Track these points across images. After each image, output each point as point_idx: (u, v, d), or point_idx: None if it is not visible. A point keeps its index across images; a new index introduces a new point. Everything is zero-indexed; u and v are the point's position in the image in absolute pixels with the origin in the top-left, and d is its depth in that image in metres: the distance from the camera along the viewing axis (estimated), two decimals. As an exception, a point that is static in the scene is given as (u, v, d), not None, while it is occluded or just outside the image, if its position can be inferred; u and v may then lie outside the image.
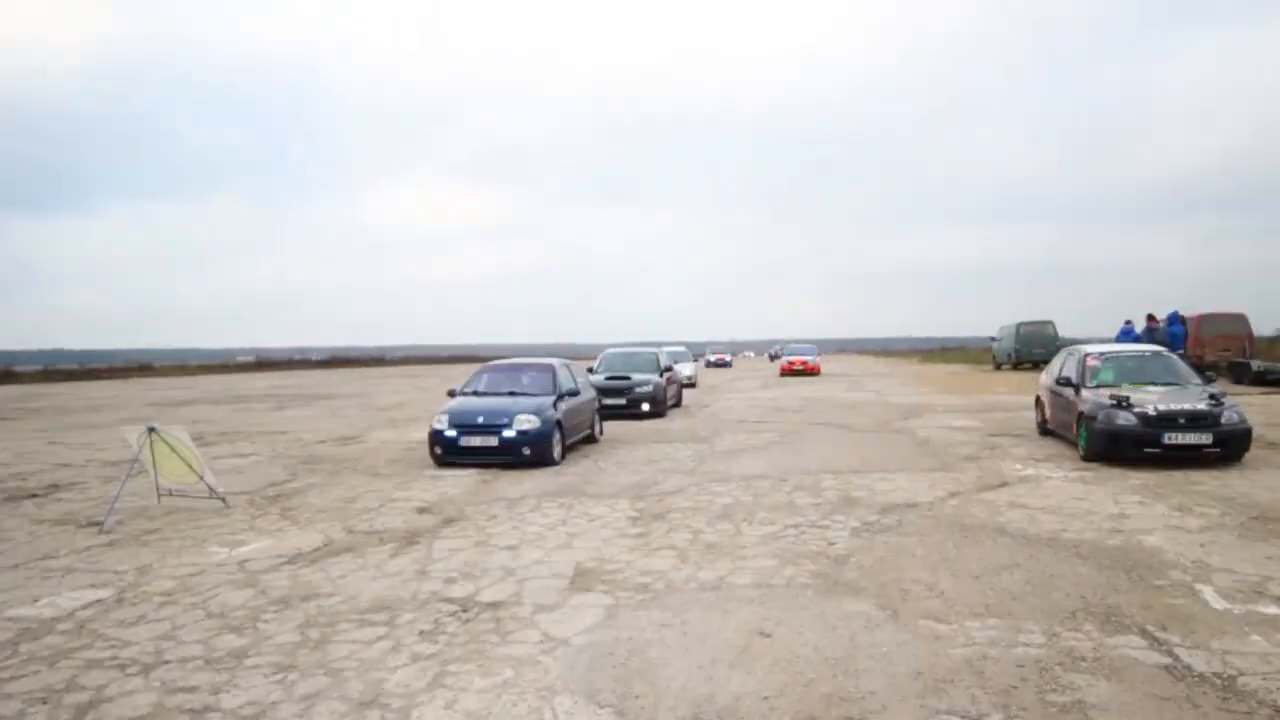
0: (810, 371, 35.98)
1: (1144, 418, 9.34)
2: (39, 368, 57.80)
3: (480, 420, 10.28)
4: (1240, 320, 24.74)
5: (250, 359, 77.17)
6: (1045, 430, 12.37)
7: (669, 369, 18.99)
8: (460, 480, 9.54)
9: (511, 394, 11.06)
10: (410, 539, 6.76)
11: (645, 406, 16.93)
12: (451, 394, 11.50)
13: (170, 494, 8.50)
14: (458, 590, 5.31)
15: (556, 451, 10.53)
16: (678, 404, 20.12)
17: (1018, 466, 9.70)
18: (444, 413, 10.55)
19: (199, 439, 15.66)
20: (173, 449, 8.15)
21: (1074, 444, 10.53)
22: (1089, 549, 5.99)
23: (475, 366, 13.39)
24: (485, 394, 11.28)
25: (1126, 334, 20.48)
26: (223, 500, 8.32)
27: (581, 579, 5.50)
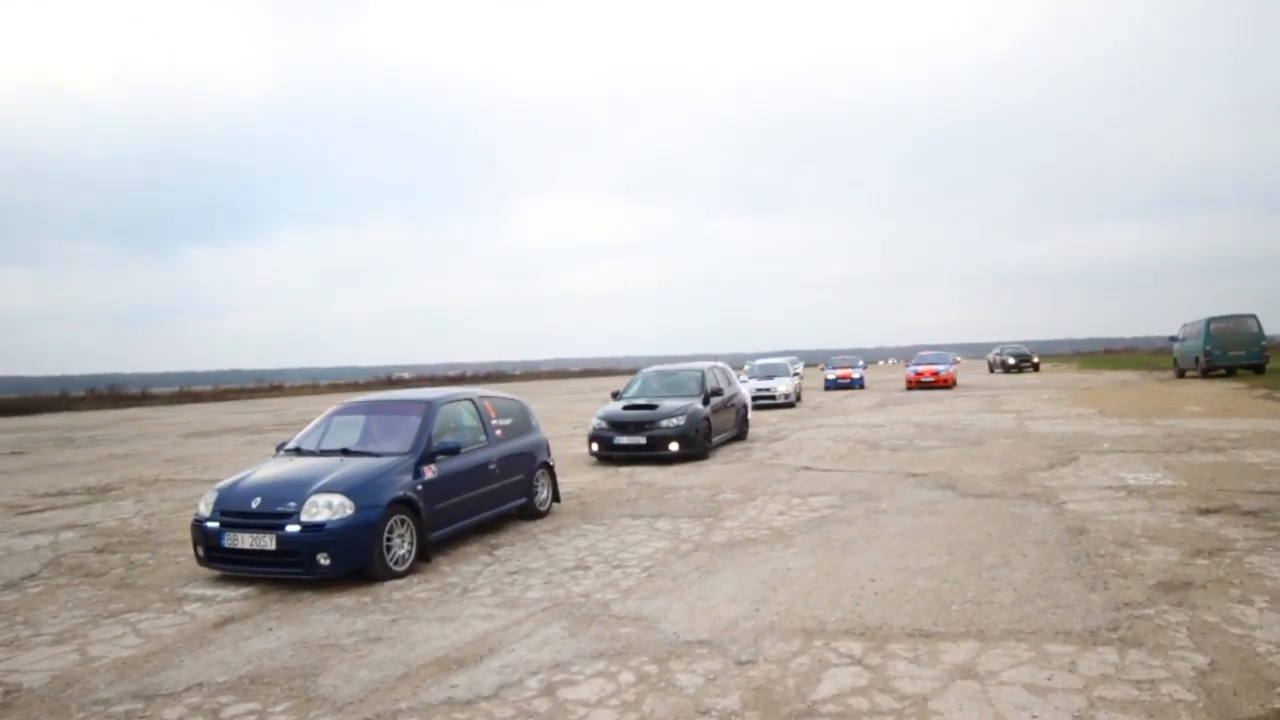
0: (942, 384, 29.87)
1: None
2: (175, 389, 59.51)
3: (255, 504, 6.01)
4: None
5: (405, 375, 77.18)
6: (1308, 505, 6.88)
7: (717, 392, 14.14)
8: (170, 626, 5.32)
9: (345, 452, 6.72)
10: None
11: (674, 447, 12.30)
12: (279, 449, 7.28)
13: None
14: None
15: (401, 553, 6.11)
16: (740, 435, 15.28)
17: (1287, 626, 4.41)
18: (216, 489, 6.36)
19: (107, 490, 12.34)
20: None
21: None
22: None
23: (604, 379, 7.89)
24: (313, 453, 6.94)
25: None
26: None
27: None
